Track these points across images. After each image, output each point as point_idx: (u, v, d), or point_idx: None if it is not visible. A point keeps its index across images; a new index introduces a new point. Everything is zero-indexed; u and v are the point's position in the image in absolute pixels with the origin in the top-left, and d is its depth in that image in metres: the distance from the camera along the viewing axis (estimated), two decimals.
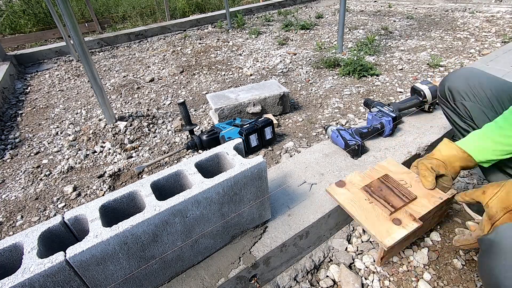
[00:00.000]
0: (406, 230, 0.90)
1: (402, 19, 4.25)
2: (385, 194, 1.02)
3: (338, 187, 1.10)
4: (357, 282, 1.00)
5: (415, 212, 0.95)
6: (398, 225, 0.92)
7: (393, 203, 0.98)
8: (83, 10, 5.50)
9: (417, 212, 0.96)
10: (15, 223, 1.39)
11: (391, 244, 0.87)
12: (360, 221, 0.96)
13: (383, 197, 1.01)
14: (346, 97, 2.22)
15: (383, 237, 0.89)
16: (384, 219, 0.95)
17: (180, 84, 2.76)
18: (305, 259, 1.08)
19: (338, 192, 1.08)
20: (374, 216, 0.96)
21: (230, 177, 0.83)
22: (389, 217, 0.95)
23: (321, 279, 1.05)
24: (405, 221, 0.93)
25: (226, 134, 1.63)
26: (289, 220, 1.05)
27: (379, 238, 0.90)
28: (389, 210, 0.96)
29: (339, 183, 1.11)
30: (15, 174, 1.73)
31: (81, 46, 1.72)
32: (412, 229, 0.90)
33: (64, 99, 2.71)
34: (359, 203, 1.02)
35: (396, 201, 0.98)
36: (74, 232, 0.78)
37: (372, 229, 0.92)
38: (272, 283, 1.02)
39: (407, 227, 0.91)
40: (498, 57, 2.29)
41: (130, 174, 1.63)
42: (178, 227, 0.79)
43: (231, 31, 4.50)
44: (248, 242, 0.97)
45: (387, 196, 1.01)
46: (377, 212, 0.97)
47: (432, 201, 0.99)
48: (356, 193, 1.06)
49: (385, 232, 0.91)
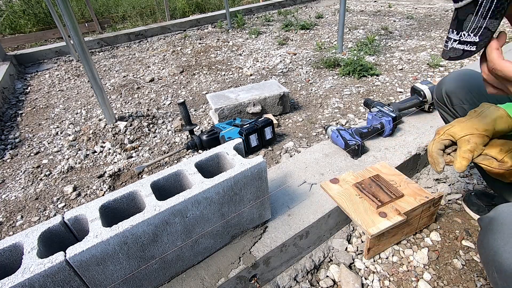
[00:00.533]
0: (390, 222, 0.98)
1: (402, 19, 4.25)
2: (374, 191, 1.09)
3: (332, 183, 1.17)
4: (357, 282, 1.00)
5: (400, 207, 1.03)
6: (384, 217, 1.00)
7: (380, 198, 1.05)
8: (83, 10, 5.50)
9: (403, 207, 1.03)
10: (15, 223, 1.39)
11: (375, 232, 0.95)
12: (349, 212, 1.04)
13: (372, 193, 1.08)
14: (346, 97, 2.22)
15: (368, 226, 0.97)
16: (371, 212, 1.02)
17: (180, 84, 2.76)
18: (305, 259, 1.08)
19: (331, 187, 1.15)
20: (362, 208, 1.04)
21: (230, 177, 0.83)
22: (376, 210, 1.03)
23: (321, 279, 1.05)
24: (390, 215, 1.00)
25: (226, 134, 1.63)
26: (289, 220, 1.05)
27: (364, 227, 0.97)
28: (376, 204, 1.03)
29: (333, 180, 1.19)
30: (15, 174, 1.73)
31: (81, 46, 1.72)
32: (395, 221, 0.98)
33: (64, 99, 2.71)
34: (350, 197, 1.09)
35: (383, 196, 1.06)
36: (74, 232, 0.78)
37: (359, 219, 1.00)
38: (272, 283, 1.02)
39: (391, 219, 0.99)
40: None
41: (130, 174, 1.63)
42: (178, 227, 0.79)
43: (231, 31, 4.50)
44: (248, 242, 0.97)
45: (376, 192, 1.08)
46: (365, 206, 1.05)
47: (418, 199, 1.06)
48: (348, 188, 1.14)
49: (370, 222, 0.98)
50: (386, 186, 1.10)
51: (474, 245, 1.08)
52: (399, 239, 1.11)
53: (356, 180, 1.17)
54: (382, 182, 1.12)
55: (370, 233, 0.95)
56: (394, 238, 1.09)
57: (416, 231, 1.15)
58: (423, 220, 1.12)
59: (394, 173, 1.20)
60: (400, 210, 1.01)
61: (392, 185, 1.11)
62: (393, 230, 1.03)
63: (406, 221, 1.03)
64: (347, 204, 1.06)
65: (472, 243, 1.09)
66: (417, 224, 1.12)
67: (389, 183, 1.12)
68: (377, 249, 1.07)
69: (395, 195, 1.06)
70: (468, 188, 1.34)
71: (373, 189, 1.10)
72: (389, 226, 0.97)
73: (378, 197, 1.06)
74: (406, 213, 1.01)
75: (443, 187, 1.35)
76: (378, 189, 1.09)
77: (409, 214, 1.03)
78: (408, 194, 1.08)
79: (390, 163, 1.29)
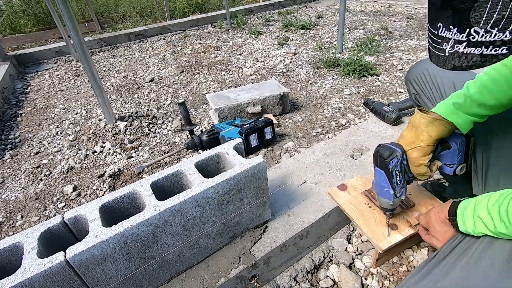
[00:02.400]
0: (401, 235, 0.93)
1: (402, 19, 4.25)
2: None
3: (340, 190, 1.12)
4: (357, 282, 1.00)
5: (412, 218, 0.98)
6: (395, 230, 0.95)
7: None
8: (83, 10, 5.50)
9: (414, 219, 0.98)
10: (15, 223, 1.39)
11: (386, 247, 0.90)
12: (358, 223, 0.99)
13: None
14: (346, 97, 2.22)
15: (378, 240, 0.92)
16: (382, 224, 0.97)
17: (180, 84, 2.76)
18: (305, 259, 1.08)
19: (339, 195, 1.11)
20: (371, 220, 0.99)
21: (230, 177, 0.83)
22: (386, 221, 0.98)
23: (321, 279, 1.05)
24: (401, 227, 0.96)
25: (226, 134, 1.63)
26: (289, 220, 1.05)
27: (375, 241, 0.92)
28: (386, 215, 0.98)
29: (341, 186, 1.14)
30: (15, 174, 1.73)
31: (81, 46, 1.72)
32: (407, 235, 0.93)
33: (64, 99, 2.71)
34: (358, 206, 1.05)
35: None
36: (74, 232, 0.78)
37: (369, 232, 0.95)
38: (272, 283, 1.02)
39: (402, 232, 0.94)
40: None
41: (130, 174, 1.63)
42: (178, 227, 0.79)
43: (231, 31, 4.50)
44: (248, 242, 0.97)
45: None
46: (375, 216, 1.00)
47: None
48: (356, 196, 1.09)
49: (381, 236, 0.93)
50: None
51: None
52: (408, 247, 1.08)
53: (364, 186, 1.12)
54: None
55: (381, 249, 0.90)
56: (403, 247, 1.06)
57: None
58: None
59: None
60: (411, 221, 0.96)
61: None
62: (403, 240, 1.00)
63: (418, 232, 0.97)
64: (356, 214, 1.02)
65: None
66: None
67: None
68: (385, 259, 1.04)
69: (406, 205, 1.01)
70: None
71: None
72: (400, 240, 0.92)
73: None
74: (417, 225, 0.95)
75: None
76: None
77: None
78: (420, 204, 1.03)
79: None
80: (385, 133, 1.52)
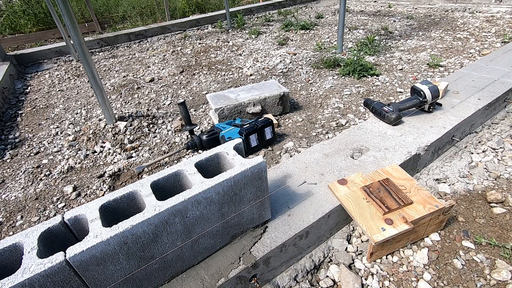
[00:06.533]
0: (396, 230, 0.96)
1: (402, 19, 4.25)
2: (382, 196, 1.07)
3: (340, 184, 1.15)
4: (357, 282, 1.00)
5: (408, 215, 1.00)
6: (390, 224, 0.98)
7: (388, 204, 1.03)
8: (83, 10, 5.50)
9: (410, 215, 1.00)
10: (15, 223, 1.39)
11: (380, 240, 0.93)
12: (354, 216, 1.02)
13: (379, 198, 1.06)
14: (346, 97, 2.22)
15: (373, 233, 0.96)
16: (377, 218, 1.00)
17: (180, 84, 2.76)
18: (305, 259, 1.08)
19: (339, 188, 1.14)
20: (368, 214, 1.03)
21: (230, 177, 0.83)
22: (382, 216, 1.01)
23: (321, 279, 1.05)
24: (396, 222, 0.98)
25: (226, 134, 1.63)
26: (289, 220, 1.05)
27: (369, 233, 0.96)
28: (383, 210, 1.01)
29: (341, 181, 1.17)
30: (15, 174, 1.73)
31: (81, 46, 1.72)
32: (401, 230, 0.96)
33: (64, 99, 2.71)
34: (356, 201, 1.08)
35: (391, 203, 1.04)
36: (74, 232, 0.78)
37: (364, 225, 0.98)
38: (272, 283, 1.02)
39: (397, 227, 0.97)
40: (498, 57, 2.29)
41: (130, 174, 1.63)
42: (178, 227, 0.79)
43: (231, 31, 4.50)
44: (248, 242, 0.97)
45: (384, 198, 1.06)
46: (371, 211, 1.03)
47: (427, 208, 1.03)
48: (355, 191, 1.12)
49: (375, 229, 0.97)
50: (395, 192, 1.07)
51: (474, 245, 1.08)
52: (403, 245, 1.09)
53: (364, 182, 1.14)
54: (391, 187, 1.10)
55: (374, 240, 0.93)
56: (398, 244, 1.07)
57: (423, 237, 1.13)
58: (431, 228, 1.10)
59: (405, 178, 1.17)
60: (407, 218, 0.98)
61: (402, 190, 1.08)
62: (398, 236, 1.01)
63: (413, 229, 1.01)
64: (353, 207, 1.04)
65: (472, 243, 1.09)
66: (424, 231, 1.09)
67: (398, 188, 1.09)
68: (380, 254, 1.05)
69: (404, 202, 1.03)
70: (468, 188, 1.34)
71: (381, 194, 1.07)
72: (394, 234, 0.94)
73: (386, 203, 1.03)
74: (413, 222, 0.98)
75: (443, 187, 1.35)
76: (386, 194, 1.07)
77: (417, 222, 1.00)
78: (417, 202, 1.05)
79: (390, 163, 1.29)
80: (385, 133, 1.52)
